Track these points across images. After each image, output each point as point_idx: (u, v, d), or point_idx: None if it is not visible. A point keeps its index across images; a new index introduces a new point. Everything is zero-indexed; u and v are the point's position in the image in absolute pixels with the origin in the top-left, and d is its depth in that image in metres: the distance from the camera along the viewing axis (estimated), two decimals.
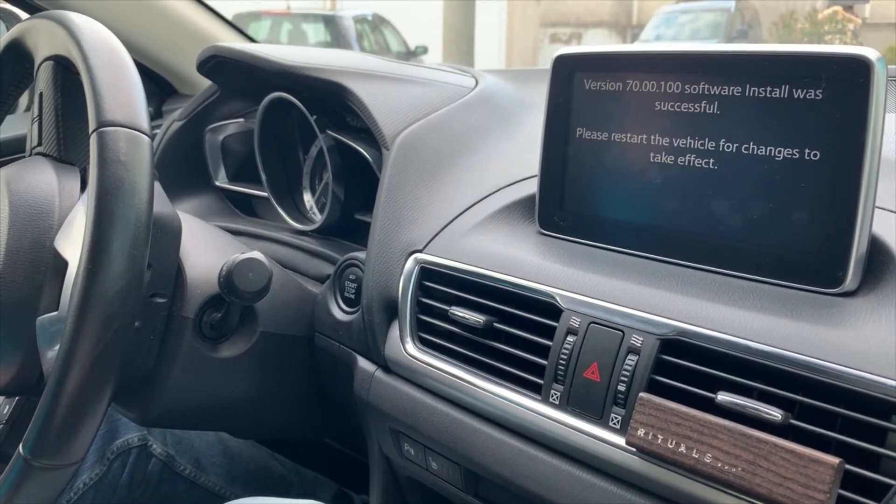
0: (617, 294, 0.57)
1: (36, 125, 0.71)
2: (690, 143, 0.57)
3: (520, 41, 11.30)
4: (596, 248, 0.64)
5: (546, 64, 0.67)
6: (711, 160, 0.56)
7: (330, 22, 8.61)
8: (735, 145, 0.55)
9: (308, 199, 0.99)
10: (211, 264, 0.72)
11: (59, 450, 0.55)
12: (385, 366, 0.74)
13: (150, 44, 1.23)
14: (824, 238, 0.51)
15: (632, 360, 0.53)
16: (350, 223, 0.89)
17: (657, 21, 10.03)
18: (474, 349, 0.65)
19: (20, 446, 0.55)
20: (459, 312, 0.65)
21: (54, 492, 0.58)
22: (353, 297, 0.79)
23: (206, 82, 1.05)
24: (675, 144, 0.58)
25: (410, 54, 8.49)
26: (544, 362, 0.58)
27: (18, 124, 1.04)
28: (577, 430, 0.56)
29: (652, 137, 0.60)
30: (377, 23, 8.96)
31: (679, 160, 0.58)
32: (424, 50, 8.83)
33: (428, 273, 0.70)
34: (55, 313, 0.61)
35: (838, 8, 10.09)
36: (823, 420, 0.46)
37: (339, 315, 0.79)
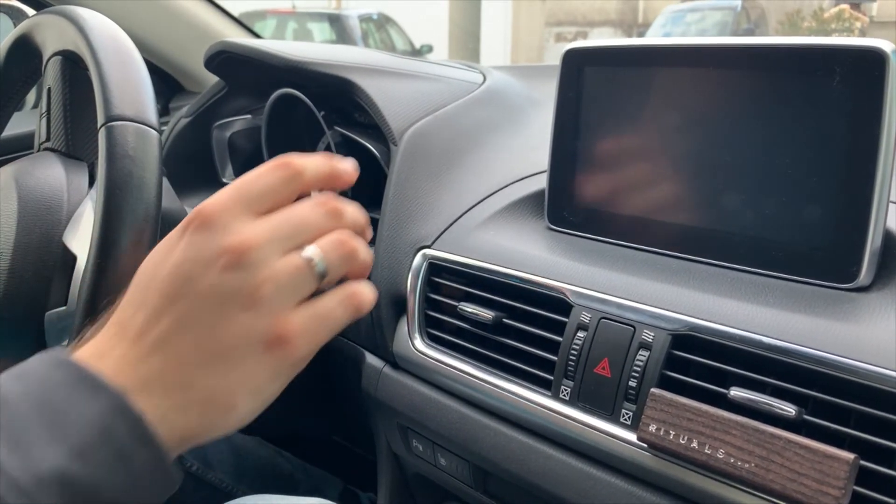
0: (627, 289, 0.56)
1: (44, 120, 0.70)
2: (702, 137, 0.57)
3: (525, 40, 11.29)
4: (606, 244, 0.64)
5: (551, 62, 0.67)
6: (723, 154, 0.56)
7: (335, 21, 8.62)
8: (748, 139, 0.54)
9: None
10: None
11: None
12: (393, 362, 0.73)
13: (157, 41, 1.23)
14: (838, 233, 0.51)
15: (643, 355, 0.53)
16: None
17: (663, 20, 10.02)
18: (483, 345, 0.65)
19: None
20: (468, 308, 0.65)
21: None
22: None
23: (213, 79, 1.05)
24: (686, 139, 0.58)
25: (415, 53, 8.50)
26: (554, 358, 0.58)
27: (26, 121, 1.04)
28: (587, 426, 0.55)
29: (662, 131, 0.59)
30: (382, 22, 8.97)
31: (690, 154, 0.58)
32: (430, 49, 8.83)
33: (436, 269, 0.69)
34: (63, 308, 0.61)
35: (845, 6, 10.06)
36: (837, 416, 0.46)
37: None
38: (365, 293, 0.42)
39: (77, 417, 0.34)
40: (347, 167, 0.45)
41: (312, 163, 0.43)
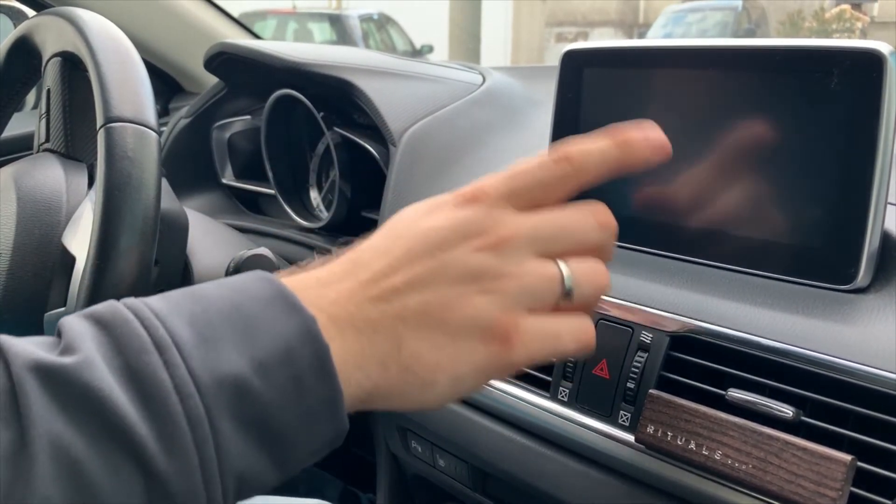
0: (626, 290, 0.56)
1: (44, 122, 0.71)
2: (700, 138, 0.57)
3: (526, 40, 11.29)
4: None
5: (552, 63, 0.67)
6: (721, 156, 0.56)
7: (336, 21, 8.63)
8: (746, 141, 0.54)
9: (315, 196, 0.99)
10: (218, 261, 0.72)
11: None
12: None
13: (156, 41, 1.23)
14: (835, 234, 0.51)
15: (641, 356, 0.53)
16: (357, 220, 0.89)
17: (664, 20, 10.03)
18: None
19: None
20: None
21: None
22: None
23: (212, 80, 1.05)
24: (685, 140, 0.58)
25: (416, 53, 8.50)
26: (553, 359, 0.58)
27: (26, 122, 1.04)
28: (585, 428, 0.55)
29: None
30: (383, 22, 8.98)
31: (688, 156, 0.58)
32: (430, 49, 8.84)
33: None
34: (63, 309, 0.61)
35: (846, 6, 10.06)
36: (835, 417, 0.46)
37: None
38: (593, 334, 0.41)
39: (266, 331, 0.33)
40: (654, 135, 0.41)
41: (597, 152, 0.40)
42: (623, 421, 0.53)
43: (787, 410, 0.46)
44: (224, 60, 0.97)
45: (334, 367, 0.34)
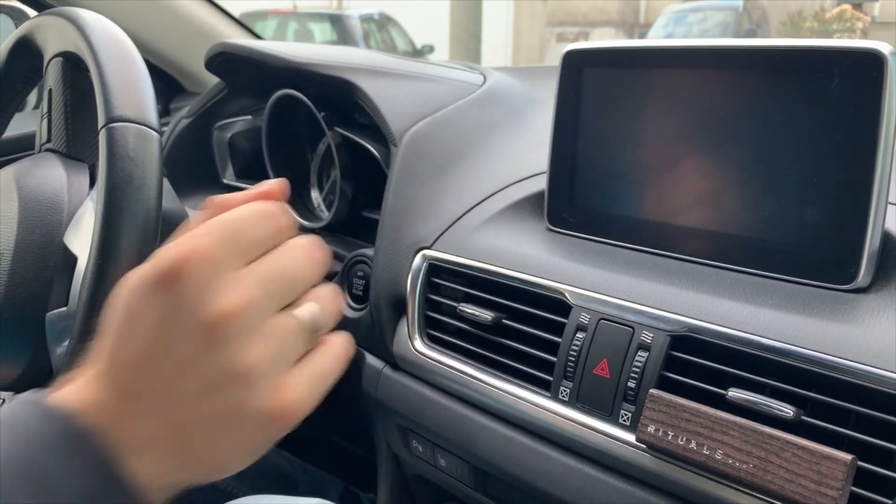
0: (627, 290, 0.56)
1: (45, 122, 0.71)
2: (700, 138, 0.57)
3: (526, 41, 11.29)
4: (605, 245, 0.64)
5: (553, 63, 0.67)
6: (722, 155, 0.56)
7: (336, 21, 8.62)
8: (746, 140, 0.54)
9: (316, 196, 0.99)
10: None
11: None
12: (393, 363, 0.73)
13: (158, 41, 1.23)
14: (836, 234, 0.51)
15: (642, 356, 0.53)
16: (358, 220, 0.89)
17: (665, 20, 10.02)
18: (483, 346, 0.65)
19: None
20: (468, 309, 0.65)
21: None
22: (360, 293, 0.79)
23: (213, 80, 1.05)
24: (685, 140, 0.58)
25: (417, 53, 8.50)
26: (554, 359, 0.58)
27: (28, 122, 1.04)
28: (586, 427, 0.55)
29: (662, 133, 0.59)
30: (384, 22, 8.98)
31: (689, 156, 0.58)
32: (431, 49, 8.84)
33: (436, 269, 0.70)
34: (64, 309, 0.61)
35: (847, 6, 10.06)
36: (836, 417, 0.46)
37: (346, 312, 0.79)
38: (349, 344, 0.40)
39: (64, 487, 0.30)
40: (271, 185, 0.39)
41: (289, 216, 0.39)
42: (624, 420, 0.53)
43: (787, 410, 0.46)
44: (225, 60, 0.97)
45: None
